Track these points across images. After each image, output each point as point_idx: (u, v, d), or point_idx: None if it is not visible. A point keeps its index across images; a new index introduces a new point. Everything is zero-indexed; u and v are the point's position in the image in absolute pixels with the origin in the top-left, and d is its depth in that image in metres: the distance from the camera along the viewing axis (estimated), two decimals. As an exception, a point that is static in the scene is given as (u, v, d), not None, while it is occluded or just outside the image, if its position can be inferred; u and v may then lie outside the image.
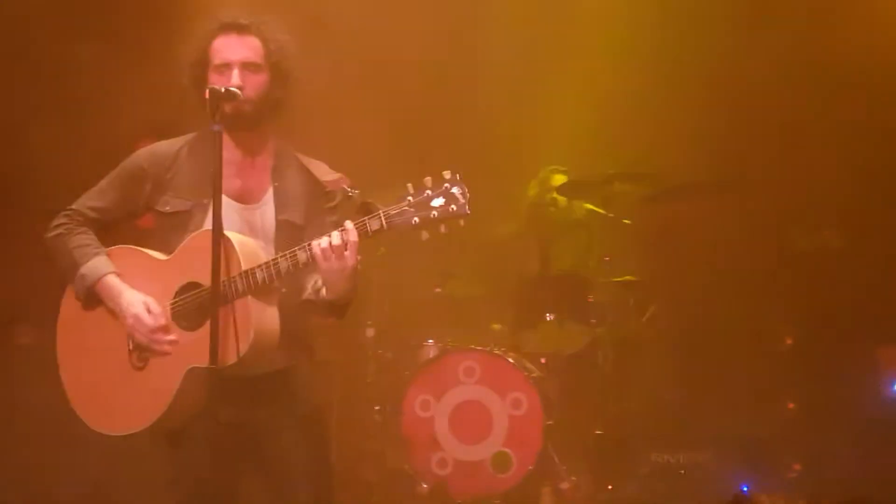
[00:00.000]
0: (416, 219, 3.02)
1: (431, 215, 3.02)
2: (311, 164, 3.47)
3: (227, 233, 3.15)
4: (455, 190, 3.02)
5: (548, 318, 5.83)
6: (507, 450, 5.31)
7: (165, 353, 3.17)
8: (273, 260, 3.13)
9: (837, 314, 5.77)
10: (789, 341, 5.89)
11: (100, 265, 3.29)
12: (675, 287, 6.06)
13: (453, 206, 3.01)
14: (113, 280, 3.28)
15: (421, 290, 5.86)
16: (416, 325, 5.80)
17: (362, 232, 3.07)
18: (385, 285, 5.63)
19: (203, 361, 3.05)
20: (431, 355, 5.59)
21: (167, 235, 3.32)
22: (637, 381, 5.83)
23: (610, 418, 5.63)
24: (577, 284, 5.85)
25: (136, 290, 3.23)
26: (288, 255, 3.12)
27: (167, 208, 3.34)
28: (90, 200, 3.40)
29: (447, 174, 3.03)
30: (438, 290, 5.87)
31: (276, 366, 3.31)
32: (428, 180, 3.04)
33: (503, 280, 5.95)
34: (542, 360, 5.71)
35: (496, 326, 5.97)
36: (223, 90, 3.12)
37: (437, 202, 3.01)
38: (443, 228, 3.04)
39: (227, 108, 3.14)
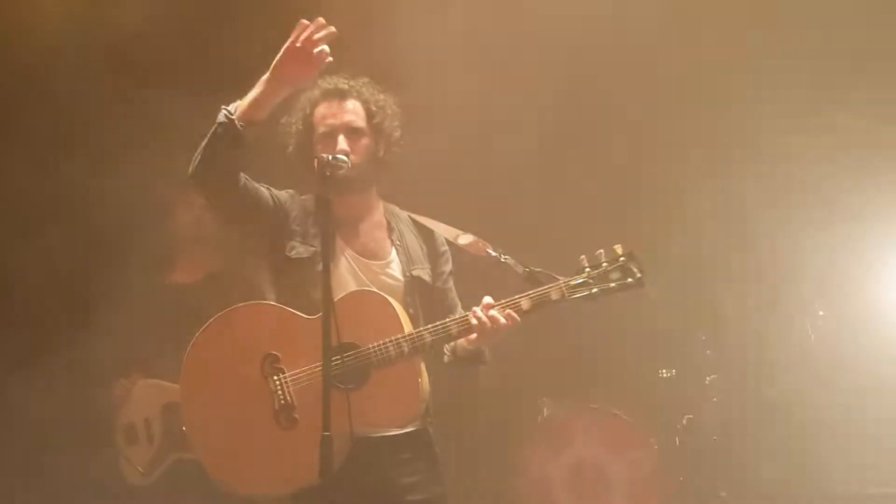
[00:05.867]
0: (596, 290, 3.15)
1: (610, 286, 3.16)
2: (424, 221, 3.51)
3: (384, 294, 3.22)
4: (632, 264, 3.17)
5: (663, 375, 5.69)
6: (627, 513, 5.15)
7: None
8: (442, 324, 3.17)
9: None
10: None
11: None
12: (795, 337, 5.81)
13: (630, 279, 3.16)
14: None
15: (535, 347, 5.76)
16: (529, 383, 5.70)
17: (541, 303, 3.15)
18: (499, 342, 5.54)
19: (367, 423, 3.10)
20: (547, 414, 5.48)
21: (293, 284, 3.30)
22: (762, 438, 5.59)
23: (734, 479, 5.40)
24: (694, 339, 5.69)
25: None
26: (458, 320, 3.17)
27: (292, 254, 3.34)
28: None
29: (619, 248, 3.18)
30: (552, 347, 5.76)
31: (410, 428, 3.31)
32: (601, 253, 3.18)
33: (618, 336, 5.80)
34: (661, 419, 5.54)
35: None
36: (331, 158, 3.11)
37: (615, 275, 3.17)
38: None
39: (338, 174, 3.13)
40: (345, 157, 3.18)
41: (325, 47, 3.00)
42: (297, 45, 2.98)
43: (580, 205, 5.50)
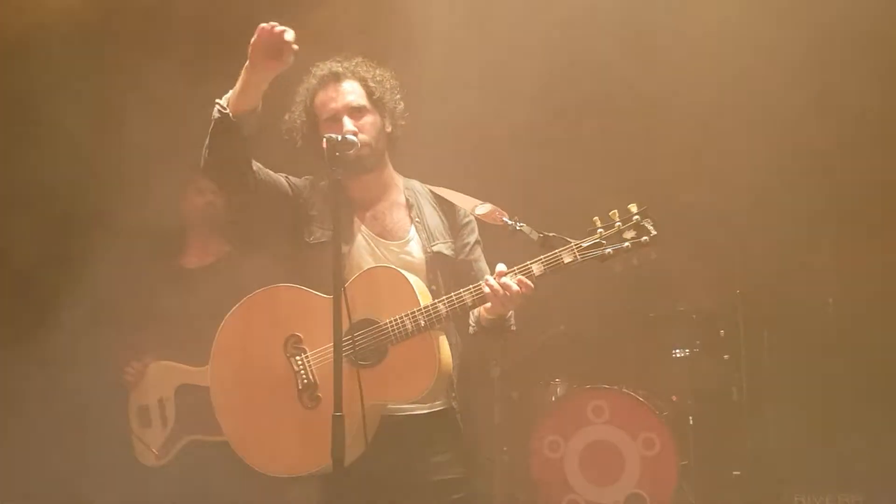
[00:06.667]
0: (609, 250, 3.09)
1: (624, 246, 3.08)
2: (446, 194, 3.49)
3: (398, 269, 3.21)
4: (647, 222, 3.09)
5: (676, 355, 5.67)
6: (640, 491, 5.13)
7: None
8: (456, 294, 3.15)
9: None
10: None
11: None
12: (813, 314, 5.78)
13: (645, 237, 3.08)
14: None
15: (545, 328, 5.75)
16: (541, 364, 5.69)
17: (553, 267, 3.10)
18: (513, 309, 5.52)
19: (385, 398, 3.11)
20: (559, 395, 5.48)
21: (313, 267, 3.31)
22: (776, 418, 5.57)
23: (748, 458, 5.40)
24: (706, 319, 5.68)
25: None
26: (472, 290, 3.14)
27: (311, 239, 3.36)
28: None
29: (634, 207, 3.11)
30: (563, 327, 5.75)
31: (437, 406, 3.34)
32: (615, 213, 3.11)
33: (630, 316, 5.78)
34: (674, 398, 5.53)
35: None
36: (339, 138, 3.11)
37: (629, 234, 3.09)
38: (635, 261, 3.09)
39: (349, 155, 3.14)
40: (353, 137, 3.19)
41: (290, 36, 2.98)
42: (262, 41, 2.98)
43: (600, 169, 5.48)
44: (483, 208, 3.37)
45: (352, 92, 3.35)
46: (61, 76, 4.97)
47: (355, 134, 3.23)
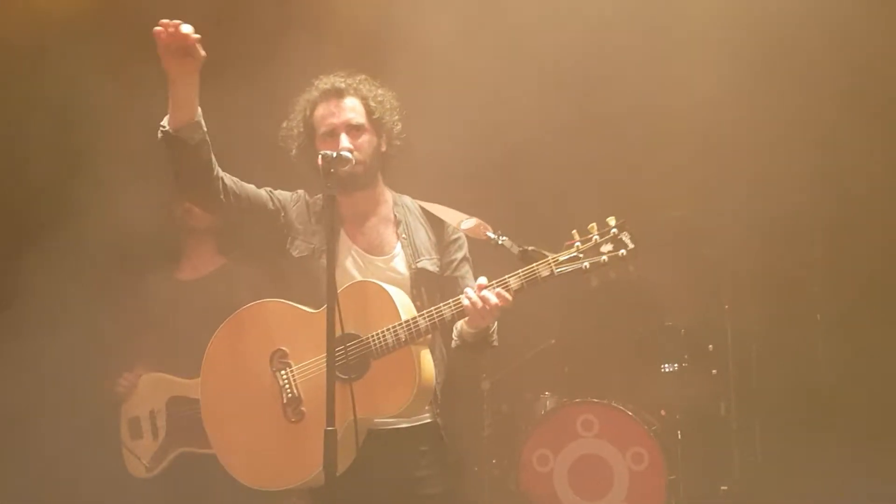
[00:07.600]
0: (587, 264, 3.08)
1: (601, 260, 3.08)
2: (435, 210, 3.51)
3: (381, 283, 3.23)
4: (624, 236, 3.08)
5: (665, 369, 5.69)
6: (629, 506, 5.17)
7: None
8: (436, 308, 3.17)
9: None
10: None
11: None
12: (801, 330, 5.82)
13: (623, 250, 3.07)
14: None
15: (536, 341, 5.77)
16: (531, 377, 5.71)
17: (531, 281, 3.10)
18: (499, 337, 5.55)
19: (366, 412, 3.11)
20: (548, 408, 5.49)
21: (297, 281, 3.35)
22: (764, 433, 5.60)
23: (736, 473, 5.41)
24: (695, 334, 5.71)
25: None
26: (452, 304, 3.15)
27: (296, 253, 3.39)
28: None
29: (612, 220, 3.10)
30: (553, 341, 5.78)
31: (425, 419, 3.37)
32: (593, 226, 3.11)
33: (619, 330, 5.81)
34: (662, 413, 5.55)
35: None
36: (335, 155, 3.15)
37: (607, 248, 3.08)
38: (613, 274, 3.09)
39: (343, 171, 3.18)
40: (348, 154, 3.22)
41: (188, 29, 2.94)
42: (165, 44, 2.95)
43: (589, 183, 5.52)
44: (468, 223, 3.40)
45: (352, 109, 3.38)
46: (59, 81, 4.99)
47: (350, 151, 3.26)
